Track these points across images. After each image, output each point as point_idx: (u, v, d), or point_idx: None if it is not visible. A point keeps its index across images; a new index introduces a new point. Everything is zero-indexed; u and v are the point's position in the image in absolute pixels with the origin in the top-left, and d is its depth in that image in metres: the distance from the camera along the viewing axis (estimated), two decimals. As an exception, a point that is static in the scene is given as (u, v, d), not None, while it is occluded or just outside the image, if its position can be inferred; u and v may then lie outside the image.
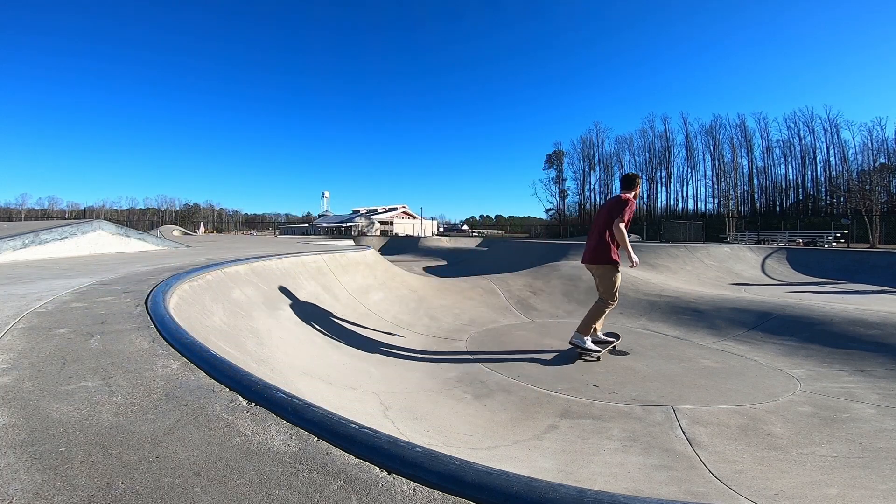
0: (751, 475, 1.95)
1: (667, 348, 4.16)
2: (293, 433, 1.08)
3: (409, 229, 45.99)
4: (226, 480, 0.88)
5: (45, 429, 1.05)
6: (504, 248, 13.73)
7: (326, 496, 0.84)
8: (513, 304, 6.06)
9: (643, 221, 36.41)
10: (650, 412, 2.67)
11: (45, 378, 1.34)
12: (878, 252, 10.72)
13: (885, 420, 2.54)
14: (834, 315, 4.49)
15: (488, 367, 3.56)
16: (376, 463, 0.96)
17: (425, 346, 4.17)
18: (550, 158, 52.16)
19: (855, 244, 17.39)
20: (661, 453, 2.18)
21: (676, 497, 1.77)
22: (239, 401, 1.24)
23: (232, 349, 2.19)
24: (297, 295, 4.22)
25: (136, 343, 1.70)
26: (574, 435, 2.39)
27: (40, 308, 2.20)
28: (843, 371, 3.43)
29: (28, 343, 1.66)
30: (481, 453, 2.11)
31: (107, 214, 53.17)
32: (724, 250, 10.29)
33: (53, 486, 0.84)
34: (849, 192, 30.70)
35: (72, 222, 6.51)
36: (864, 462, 2.06)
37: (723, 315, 5.06)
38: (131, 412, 1.15)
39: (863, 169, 33.28)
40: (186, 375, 1.41)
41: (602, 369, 3.52)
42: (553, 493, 0.86)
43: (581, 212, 49.97)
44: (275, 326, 3.27)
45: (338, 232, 43.74)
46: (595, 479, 1.91)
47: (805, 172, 39.15)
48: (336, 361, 3.21)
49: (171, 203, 62.33)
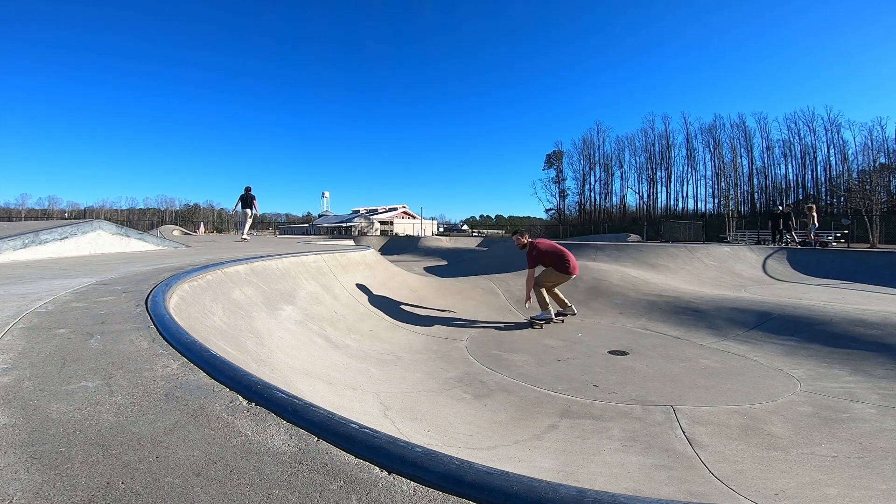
0: (751, 475, 1.95)
1: (667, 348, 4.16)
2: (293, 433, 1.08)
3: (409, 229, 45.98)
4: (226, 480, 0.88)
5: (45, 429, 1.05)
6: (504, 248, 13.71)
7: (326, 496, 0.84)
8: (513, 304, 6.06)
9: (643, 221, 36.41)
10: (650, 412, 2.67)
11: (45, 378, 1.34)
12: (878, 252, 10.72)
13: (885, 420, 2.54)
14: (834, 315, 4.49)
15: (488, 367, 3.56)
16: (376, 463, 0.96)
17: (425, 345, 4.17)
18: (550, 158, 52.19)
19: (855, 244, 17.39)
20: (661, 453, 2.18)
21: (676, 497, 1.77)
22: (239, 401, 1.24)
23: (232, 349, 2.19)
24: (297, 295, 4.22)
25: (136, 343, 1.70)
26: (574, 435, 2.39)
27: (40, 308, 2.20)
28: (843, 371, 3.43)
29: (28, 343, 1.66)
30: (481, 453, 2.11)
31: (107, 214, 53.18)
32: (724, 250, 10.29)
33: (53, 486, 0.84)
34: (849, 192, 30.70)
35: (72, 222, 6.51)
36: (864, 462, 2.06)
37: (723, 315, 5.06)
38: (131, 412, 1.15)
39: (863, 169, 33.30)
40: (186, 375, 1.41)
41: (602, 369, 3.52)
42: (553, 493, 0.86)
43: (581, 212, 49.95)
44: (275, 326, 3.27)
45: (338, 232, 43.72)
46: (595, 478, 1.91)
47: (805, 172, 39.16)
48: (336, 361, 3.21)
49: (171, 203, 62.38)
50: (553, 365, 3.64)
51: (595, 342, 4.38)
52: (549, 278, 5.19)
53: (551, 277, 5.18)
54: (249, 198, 10.74)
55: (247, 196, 10.74)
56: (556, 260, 5.14)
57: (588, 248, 9.50)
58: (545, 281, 5.17)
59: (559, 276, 5.15)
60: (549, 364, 3.67)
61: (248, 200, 10.73)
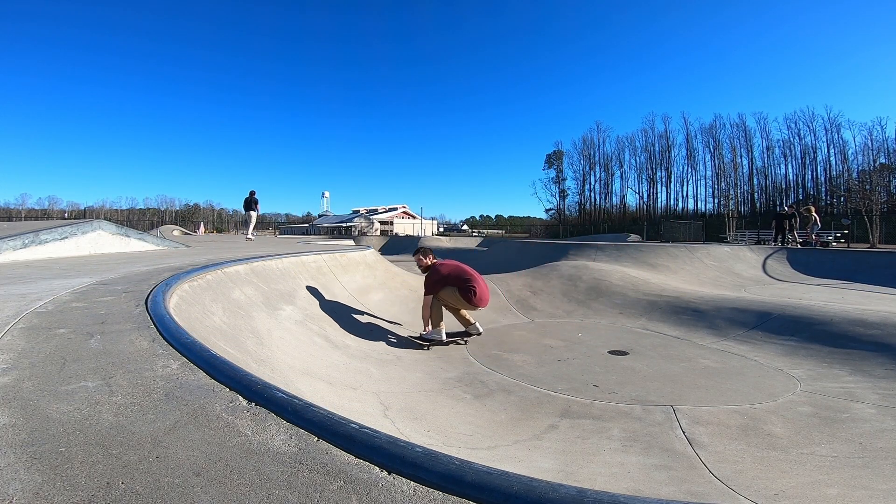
0: (751, 475, 1.95)
1: (667, 348, 4.16)
2: (293, 433, 1.08)
3: (409, 229, 45.97)
4: (226, 480, 0.88)
5: (45, 429, 1.05)
6: (504, 248, 13.72)
7: (326, 496, 0.84)
8: (513, 303, 6.06)
9: (643, 221, 36.41)
10: (650, 412, 2.67)
11: (45, 378, 1.34)
12: (878, 252, 10.72)
13: (885, 420, 2.54)
14: (834, 315, 4.49)
15: (488, 367, 3.56)
16: (376, 463, 0.96)
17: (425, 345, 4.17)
18: (550, 158, 52.19)
19: (855, 244, 17.39)
20: (661, 453, 2.18)
21: (676, 497, 1.77)
22: (239, 401, 1.24)
23: (232, 349, 2.19)
24: (297, 295, 4.22)
25: (136, 343, 1.70)
26: (574, 435, 2.39)
27: (40, 308, 2.20)
28: (843, 371, 3.43)
29: (28, 343, 1.66)
30: (481, 453, 2.11)
31: (107, 214, 53.14)
32: (724, 250, 10.28)
33: (53, 486, 0.84)
34: (849, 192, 30.70)
35: (72, 222, 6.51)
36: (864, 462, 2.06)
37: (723, 315, 5.06)
38: (131, 412, 1.15)
39: (863, 169, 33.29)
40: (186, 375, 1.41)
41: (602, 369, 3.52)
42: (553, 493, 0.86)
43: (581, 212, 49.95)
44: (275, 326, 3.27)
45: (338, 232, 43.74)
46: (595, 478, 1.91)
47: (805, 172, 39.16)
48: (336, 361, 3.21)
49: (171, 203, 62.40)
50: (553, 365, 3.64)
51: (595, 342, 4.38)
52: (451, 300, 4.28)
53: (453, 300, 4.27)
54: (253, 201, 11.95)
55: (250, 199, 11.94)
56: (461, 284, 4.22)
57: (588, 248, 9.50)
58: (446, 299, 4.28)
59: (462, 303, 4.25)
60: (549, 364, 3.67)
61: (252, 203, 11.96)
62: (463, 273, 4.30)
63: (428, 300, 4.25)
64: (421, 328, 4.32)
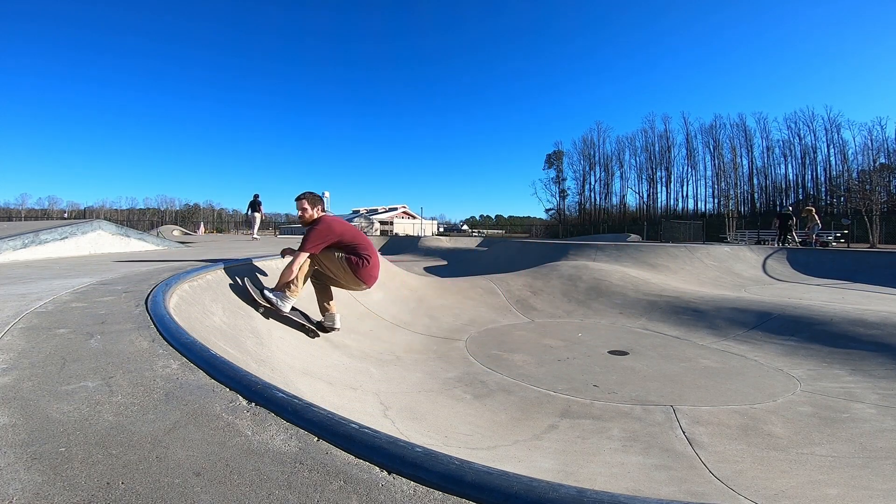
0: (751, 475, 1.96)
1: (667, 348, 4.16)
2: (293, 433, 1.08)
3: (409, 229, 45.94)
4: (226, 480, 0.88)
5: (45, 429, 1.05)
6: (504, 248, 13.72)
7: (326, 496, 0.84)
8: (513, 303, 6.06)
9: (643, 221, 36.41)
10: (650, 412, 2.67)
11: (45, 378, 1.34)
12: (878, 252, 10.73)
13: (885, 420, 2.54)
14: (834, 315, 4.49)
15: (488, 367, 3.56)
16: (376, 463, 0.96)
17: (425, 345, 4.17)
18: (550, 158, 52.19)
19: (855, 244, 17.39)
20: (661, 453, 2.18)
21: (676, 497, 1.78)
22: (239, 401, 1.24)
23: (232, 349, 2.19)
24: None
25: (136, 343, 1.70)
26: (574, 435, 2.39)
27: (40, 308, 2.20)
28: (843, 371, 3.43)
29: (28, 343, 1.66)
30: (481, 453, 2.11)
31: (107, 214, 53.19)
32: (724, 250, 10.29)
33: (53, 486, 0.84)
34: (849, 192, 30.71)
35: (72, 222, 6.51)
36: (864, 462, 2.06)
37: (723, 315, 5.06)
38: (131, 412, 1.15)
39: (863, 169, 33.30)
40: (186, 375, 1.41)
41: (602, 369, 3.52)
42: (553, 493, 0.86)
43: (581, 212, 49.95)
44: (275, 326, 3.27)
45: (338, 232, 43.60)
46: (595, 478, 1.91)
47: (805, 172, 39.16)
48: (336, 361, 3.21)
49: (171, 203, 62.40)
50: (553, 365, 3.64)
51: (595, 342, 4.38)
52: (331, 268, 3.37)
53: (334, 268, 3.36)
54: (257, 203, 13.05)
55: (255, 202, 13.03)
56: (352, 251, 3.35)
57: (588, 248, 9.50)
58: (326, 264, 3.36)
59: (345, 274, 3.36)
60: (549, 364, 3.67)
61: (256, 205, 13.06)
62: (358, 237, 3.46)
63: (301, 259, 3.21)
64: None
